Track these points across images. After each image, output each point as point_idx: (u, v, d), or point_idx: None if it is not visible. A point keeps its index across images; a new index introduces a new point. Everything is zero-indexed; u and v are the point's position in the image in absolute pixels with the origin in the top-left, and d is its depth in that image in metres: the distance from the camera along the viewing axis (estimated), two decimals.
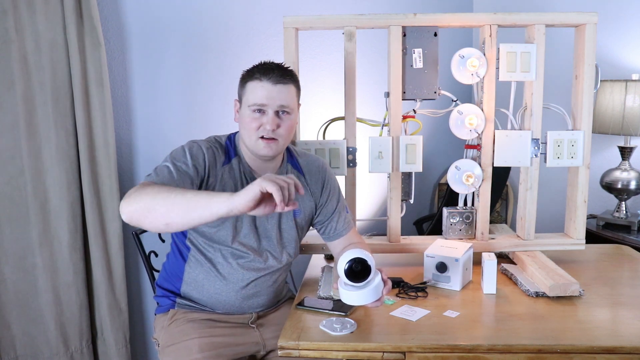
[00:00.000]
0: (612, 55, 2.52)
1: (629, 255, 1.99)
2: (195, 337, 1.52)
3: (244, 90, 1.49)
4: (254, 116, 1.46)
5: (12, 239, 2.01)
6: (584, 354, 1.29)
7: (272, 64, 1.49)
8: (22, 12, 1.90)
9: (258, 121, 1.46)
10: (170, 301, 1.63)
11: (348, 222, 1.68)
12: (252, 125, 1.46)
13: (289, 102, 1.48)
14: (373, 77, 2.56)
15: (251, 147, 1.50)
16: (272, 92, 1.45)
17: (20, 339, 2.07)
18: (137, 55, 2.22)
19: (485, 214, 1.88)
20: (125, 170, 2.26)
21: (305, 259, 1.98)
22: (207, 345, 1.50)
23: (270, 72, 1.46)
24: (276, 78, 1.45)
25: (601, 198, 2.59)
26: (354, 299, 1.34)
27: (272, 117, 1.45)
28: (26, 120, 1.95)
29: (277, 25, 2.21)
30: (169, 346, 1.54)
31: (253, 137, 1.47)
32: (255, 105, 1.45)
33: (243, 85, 1.50)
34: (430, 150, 2.80)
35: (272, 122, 1.45)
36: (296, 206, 1.18)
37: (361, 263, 1.34)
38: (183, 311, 1.60)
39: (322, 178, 1.66)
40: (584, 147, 1.83)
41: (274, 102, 1.46)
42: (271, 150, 1.48)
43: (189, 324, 1.56)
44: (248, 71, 1.50)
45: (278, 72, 1.47)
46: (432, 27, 1.79)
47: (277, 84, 1.45)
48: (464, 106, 1.81)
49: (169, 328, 1.58)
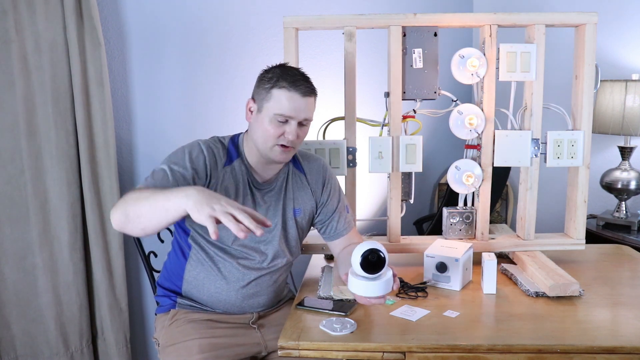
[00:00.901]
0: (612, 55, 2.52)
1: (629, 255, 1.99)
2: (195, 337, 1.52)
3: (268, 96, 1.46)
4: (277, 124, 1.46)
5: (12, 239, 2.01)
6: (584, 354, 1.29)
7: (297, 72, 1.49)
8: (22, 12, 1.90)
9: (280, 129, 1.46)
10: (171, 301, 1.63)
11: (349, 222, 1.69)
12: (273, 133, 1.46)
13: (311, 114, 1.50)
14: (373, 77, 2.55)
15: (265, 152, 1.49)
16: (300, 104, 1.45)
17: (20, 339, 2.07)
18: (137, 55, 2.22)
19: (485, 214, 1.88)
20: (125, 170, 2.26)
21: (305, 259, 1.98)
22: (208, 346, 1.50)
23: (298, 83, 1.45)
24: (304, 90, 1.46)
25: (601, 198, 2.59)
26: (365, 289, 1.34)
27: (295, 127, 1.46)
28: (26, 120, 1.95)
29: (277, 25, 2.21)
30: (169, 346, 1.54)
31: (270, 143, 1.47)
32: (283, 116, 1.45)
33: (267, 90, 1.46)
34: (430, 150, 2.80)
35: (294, 133, 1.46)
36: (262, 233, 1.17)
37: (377, 254, 1.33)
38: (184, 311, 1.60)
39: (323, 177, 1.66)
40: (584, 147, 1.83)
41: (300, 115, 1.46)
42: (287, 157, 1.50)
43: (190, 324, 1.56)
44: (271, 75, 1.48)
45: (305, 84, 1.47)
46: (432, 27, 1.79)
47: (305, 96, 1.46)
48: (464, 106, 1.81)
49: (169, 328, 1.58)
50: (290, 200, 1.61)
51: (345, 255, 1.61)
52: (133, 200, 1.27)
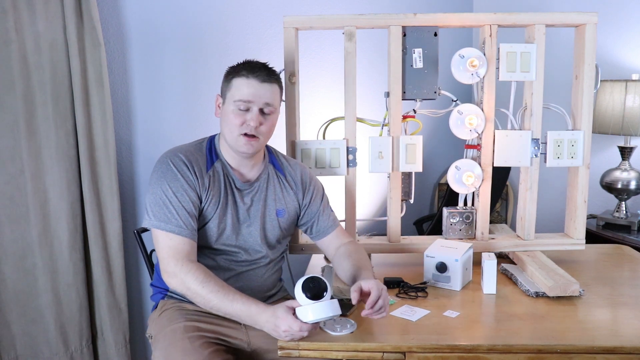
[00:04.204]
0: (612, 55, 2.52)
1: (629, 255, 1.99)
2: (181, 321, 1.52)
3: (229, 86, 1.51)
4: (238, 112, 1.49)
5: (12, 239, 2.01)
6: (584, 354, 1.30)
7: (257, 62, 1.53)
8: (22, 12, 1.90)
9: (242, 117, 1.49)
10: (161, 295, 1.64)
11: (333, 219, 1.69)
12: (236, 122, 1.49)
13: (273, 101, 1.51)
14: (373, 77, 2.56)
15: (232, 144, 1.52)
16: (258, 89, 1.48)
17: (20, 339, 2.07)
18: (137, 55, 2.22)
19: (485, 214, 1.88)
20: (125, 170, 2.26)
21: (305, 259, 1.99)
22: (192, 327, 1.50)
23: (257, 70, 1.49)
24: (263, 76, 1.49)
25: (601, 198, 2.59)
26: (312, 313, 1.30)
27: (256, 114, 1.49)
28: (26, 120, 1.95)
29: (277, 25, 2.21)
30: (158, 334, 1.54)
31: (235, 133, 1.50)
32: (241, 101, 1.48)
33: (228, 81, 1.52)
34: (430, 150, 2.80)
35: (256, 119, 1.48)
36: None
37: (317, 281, 1.32)
38: (172, 301, 1.61)
39: (304, 179, 1.67)
40: (584, 147, 1.83)
41: (259, 100, 1.48)
42: (251, 148, 1.51)
43: (178, 311, 1.57)
44: (233, 68, 1.53)
45: (265, 71, 1.50)
46: (432, 27, 1.79)
47: (264, 82, 1.49)
48: (464, 106, 1.81)
49: (158, 319, 1.59)
50: (272, 201, 1.61)
51: (340, 258, 1.61)
52: (201, 302, 1.43)
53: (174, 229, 1.45)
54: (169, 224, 1.46)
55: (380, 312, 1.36)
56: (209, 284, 1.41)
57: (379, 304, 1.35)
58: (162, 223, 1.46)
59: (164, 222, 1.46)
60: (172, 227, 1.46)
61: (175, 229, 1.45)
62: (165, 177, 1.48)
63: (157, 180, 1.49)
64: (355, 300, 1.35)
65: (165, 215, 1.46)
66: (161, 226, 1.46)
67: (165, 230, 1.46)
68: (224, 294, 1.40)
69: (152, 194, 1.49)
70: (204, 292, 1.40)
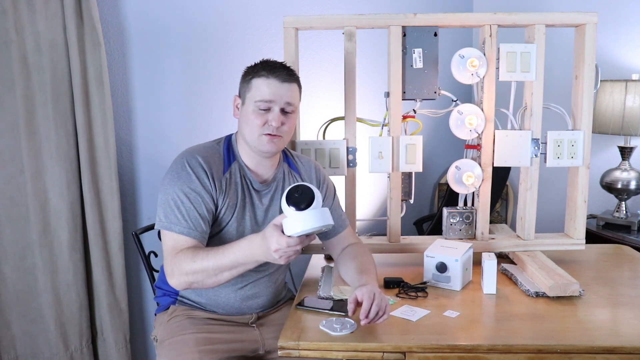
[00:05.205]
0: (612, 55, 2.52)
1: (629, 255, 1.99)
2: (192, 332, 1.51)
3: (248, 87, 1.49)
4: (259, 113, 1.47)
5: (12, 239, 2.01)
6: (584, 354, 1.30)
7: (276, 62, 1.51)
8: (22, 12, 1.90)
9: (263, 117, 1.47)
10: (171, 299, 1.63)
11: (343, 219, 1.69)
12: (257, 122, 1.47)
13: (294, 100, 1.50)
14: (373, 77, 2.55)
15: (253, 144, 1.50)
16: (279, 89, 1.47)
17: (20, 338, 2.07)
18: (137, 55, 2.22)
19: (485, 214, 1.88)
20: (125, 170, 2.26)
21: (305, 259, 1.98)
22: (204, 340, 1.49)
23: (277, 70, 1.48)
24: (283, 76, 1.48)
25: (601, 198, 2.59)
26: (299, 223, 1.19)
27: (277, 114, 1.47)
28: (26, 120, 1.95)
29: (277, 25, 2.21)
30: (167, 340, 1.54)
31: (256, 133, 1.48)
32: (263, 101, 1.46)
33: (247, 81, 1.50)
34: (430, 150, 2.80)
35: (278, 119, 1.47)
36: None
37: (302, 189, 1.22)
38: (183, 308, 1.60)
39: (318, 178, 1.66)
40: (584, 147, 1.83)
41: (280, 99, 1.47)
42: (274, 147, 1.49)
43: (188, 319, 1.56)
44: (252, 68, 1.51)
45: (284, 71, 1.49)
46: (432, 27, 1.79)
47: (284, 82, 1.48)
48: (464, 106, 1.81)
49: (167, 323, 1.58)
50: None
51: (344, 258, 1.61)
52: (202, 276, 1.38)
53: (183, 230, 1.43)
54: (177, 226, 1.43)
55: (379, 317, 1.35)
56: (198, 255, 1.38)
57: (373, 310, 1.34)
58: (171, 224, 1.44)
59: (173, 224, 1.44)
60: (181, 228, 1.43)
61: (184, 231, 1.43)
62: (180, 178, 1.46)
63: (171, 181, 1.47)
64: (351, 312, 1.35)
65: (175, 217, 1.44)
66: (170, 227, 1.44)
67: (174, 231, 1.44)
68: (214, 253, 1.37)
69: (164, 194, 1.47)
70: (197, 265, 1.37)
